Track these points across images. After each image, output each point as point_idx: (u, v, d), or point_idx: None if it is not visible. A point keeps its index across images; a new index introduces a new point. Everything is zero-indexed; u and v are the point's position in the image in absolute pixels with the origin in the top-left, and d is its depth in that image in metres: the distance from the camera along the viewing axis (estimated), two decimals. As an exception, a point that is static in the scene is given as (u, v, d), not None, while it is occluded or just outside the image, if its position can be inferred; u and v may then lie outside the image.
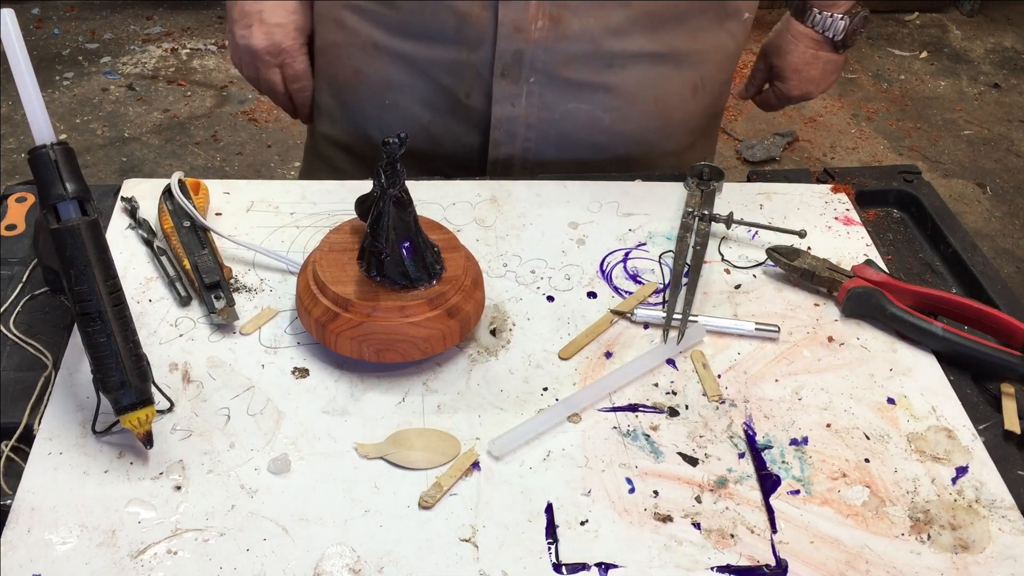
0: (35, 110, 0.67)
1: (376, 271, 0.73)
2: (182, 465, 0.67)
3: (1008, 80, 3.44)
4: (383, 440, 0.69)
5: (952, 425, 0.73)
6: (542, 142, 0.99)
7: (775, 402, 0.74)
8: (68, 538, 0.61)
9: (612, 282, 0.85)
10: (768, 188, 0.97)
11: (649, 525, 0.64)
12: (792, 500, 0.67)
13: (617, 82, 0.96)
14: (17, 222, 0.86)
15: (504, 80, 0.95)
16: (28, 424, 0.68)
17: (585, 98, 0.97)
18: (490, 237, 0.89)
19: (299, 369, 0.74)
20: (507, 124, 0.98)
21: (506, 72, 0.94)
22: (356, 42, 0.99)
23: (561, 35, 0.92)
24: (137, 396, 0.65)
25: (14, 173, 2.58)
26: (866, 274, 0.82)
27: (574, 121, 0.98)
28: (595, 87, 0.96)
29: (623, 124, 0.99)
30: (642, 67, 0.96)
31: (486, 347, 0.78)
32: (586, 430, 0.71)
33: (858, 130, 3.13)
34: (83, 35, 3.36)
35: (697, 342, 0.79)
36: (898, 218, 0.97)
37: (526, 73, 0.94)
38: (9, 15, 0.66)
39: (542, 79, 0.95)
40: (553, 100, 0.97)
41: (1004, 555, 0.64)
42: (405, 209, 0.72)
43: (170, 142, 2.83)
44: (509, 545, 0.63)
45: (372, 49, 0.99)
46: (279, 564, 0.61)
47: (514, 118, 0.97)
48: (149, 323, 0.77)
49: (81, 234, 0.67)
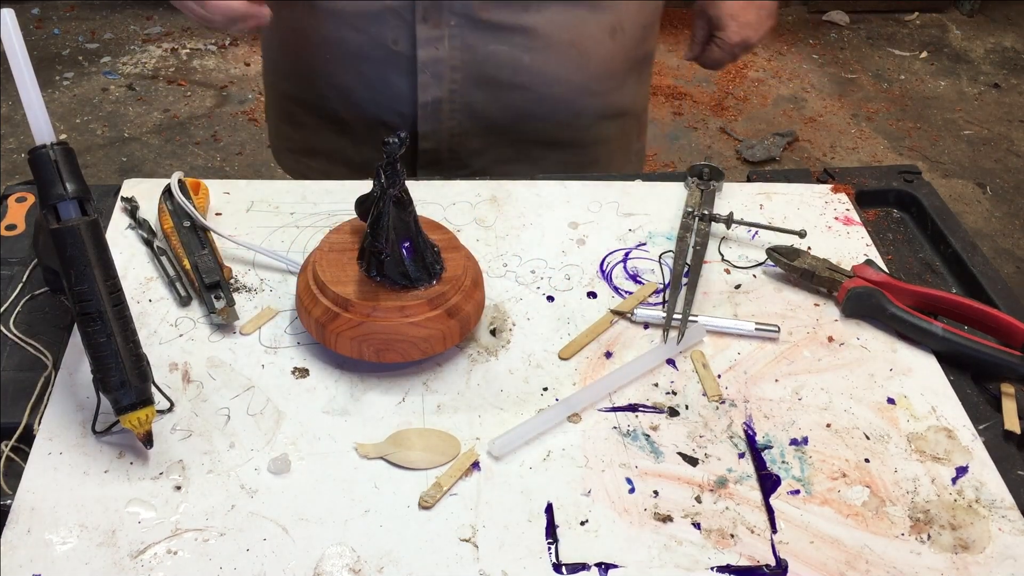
0: (35, 110, 0.67)
1: (376, 271, 0.73)
2: (182, 465, 0.67)
3: (1008, 80, 3.44)
4: (383, 440, 0.69)
5: (952, 425, 0.73)
6: (468, 83, 1.02)
7: (775, 402, 0.74)
8: (68, 538, 0.61)
9: (612, 282, 0.85)
10: (768, 188, 0.97)
11: (649, 525, 0.64)
12: (792, 500, 0.67)
13: (534, 23, 1.00)
14: (17, 222, 0.87)
15: (426, 24, 0.98)
16: (28, 424, 0.68)
17: (505, 39, 1.00)
18: (490, 237, 0.89)
19: (299, 369, 0.74)
20: (432, 66, 1.01)
21: (427, 16, 0.98)
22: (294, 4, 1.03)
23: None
24: (137, 396, 0.66)
25: (14, 173, 2.58)
26: (866, 274, 0.82)
27: (497, 62, 1.01)
28: (513, 28, 1.00)
29: (543, 65, 1.03)
30: (557, 8, 1.00)
31: (486, 347, 0.78)
32: (586, 430, 0.71)
33: (858, 130, 3.13)
34: (83, 35, 3.36)
35: (697, 342, 0.79)
36: (898, 218, 0.97)
37: (446, 17, 0.98)
38: (9, 15, 0.66)
39: (462, 22, 0.98)
40: (474, 42, 1.00)
41: (1004, 555, 0.64)
42: (405, 209, 0.72)
43: (170, 142, 2.83)
44: (509, 545, 0.63)
45: (308, 7, 1.02)
46: (279, 564, 0.61)
47: (439, 59, 1.00)
48: (149, 323, 0.77)
49: (81, 234, 0.67)
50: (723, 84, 3.38)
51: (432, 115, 1.04)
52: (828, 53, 3.59)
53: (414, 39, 0.99)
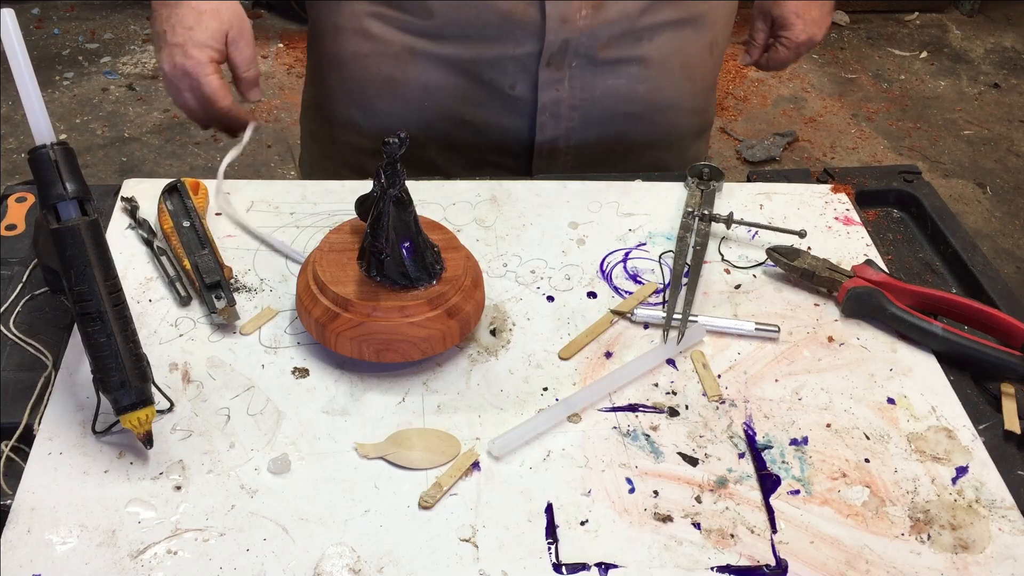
0: (35, 110, 0.67)
1: (376, 271, 0.73)
2: (182, 465, 0.67)
3: (1008, 80, 3.44)
4: (383, 440, 0.69)
5: (952, 425, 0.73)
6: (583, 121, 1.03)
7: (775, 402, 0.74)
8: (68, 538, 0.61)
9: (612, 282, 0.85)
10: (768, 188, 0.97)
11: (649, 525, 0.64)
12: (792, 500, 0.67)
13: (647, 53, 1.00)
14: (17, 222, 0.86)
15: (549, 68, 0.98)
16: (28, 424, 0.68)
17: (621, 73, 1.00)
18: (490, 237, 0.89)
19: (299, 369, 0.74)
20: (552, 108, 1.01)
21: (551, 61, 0.97)
22: (387, 51, 0.99)
23: (602, 20, 0.96)
24: (137, 396, 0.65)
25: (14, 173, 2.58)
26: (866, 274, 0.82)
27: (613, 96, 1.02)
28: (629, 61, 1.00)
29: (656, 93, 1.03)
30: (667, 35, 1.00)
31: (486, 347, 0.78)
32: (586, 430, 0.71)
33: (858, 130, 3.13)
34: (83, 35, 3.36)
35: (697, 342, 0.79)
36: (898, 218, 0.97)
37: (569, 59, 0.98)
38: (9, 15, 0.66)
39: (583, 62, 0.98)
40: (592, 80, 1.00)
41: (1004, 555, 0.64)
42: (405, 209, 0.72)
43: (170, 142, 2.83)
44: (509, 545, 0.63)
45: (407, 55, 0.99)
46: (279, 564, 0.61)
47: (558, 101, 1.00)
48: (149, 323, 0.77)
49: (81, 234, 0.67)
50: (723, 84, 3.38)
51: (548, 154, 1.04)
52: (828, 53, 3.59)
53: (534, 83, 0.98)
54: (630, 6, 0.96)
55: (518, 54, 0.97)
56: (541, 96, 0.99)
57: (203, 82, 0.90)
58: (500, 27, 0.95)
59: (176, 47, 0.89)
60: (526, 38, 0.95)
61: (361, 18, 0.99)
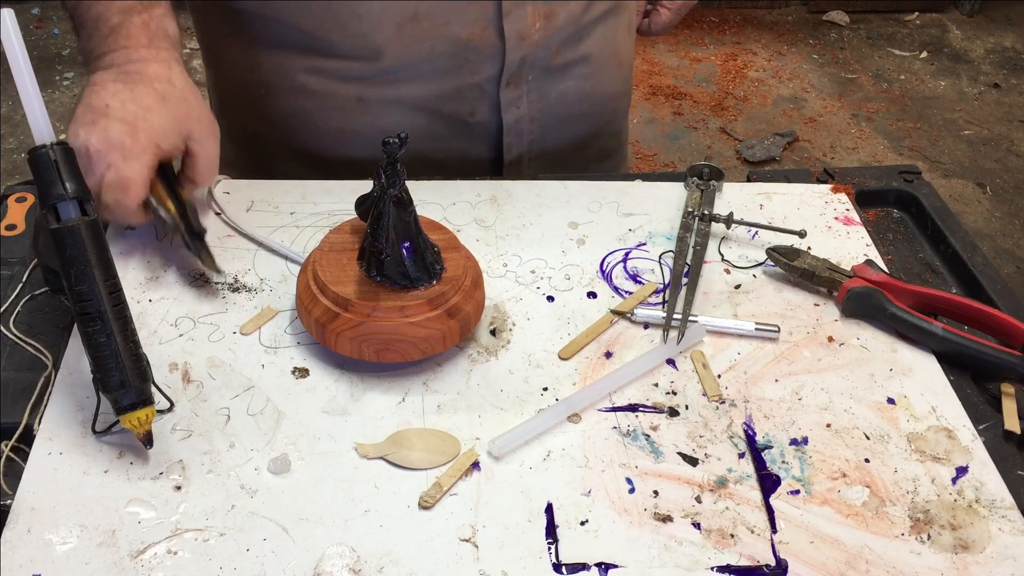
0: (35, 110, 0.67)
1: (376, 271, 0.73)
2: (182, 465, 0.67)
3: (1008, 80, 3.44)
4: (383, 440, 0.69)
5: (952, 425, 0.73)
6: (541, 131, 1.03)
7: (775, 402, 0.74)
8: (68, 538, 0.61)
9: (612, 282, 0.85)
10: (768, 188, 0.97)
11: (649, 525, 0.64)
12: (792, 500, 0.67)
13: (588, 50, 1.01)
14: (17, 222, 0.87)
15: (508, 88, 0.97)
16: (28, 424, 0.68)
17: (569, 75, 1.01)
18: (490, 237, 0.89)
19: (299, 369, 0.74)
20: (515, 127, 1.00)
21: (511, 80, 0.96)
22: (332, 104, 0.95)
23: (553, 28, 0.96)
24: (137, 396, 0.66)
25: (14, 173, 2.58)
26: (866, 274, 0.82)
27: (565, 100, 1.02)
28: (575, 62, 1.01)
29: (598, 86, 1.05)
30: (600, 28, 1.02)
31: (486, 347, 0.78)
32: (586, 430, 0.71)
33: (858, 130, 3.13)
34: (83, 35, 3.35)
35: (697, 342, 0.79)
36: (898, 218, 0.97)
37: (526, 74, 0.97)
38: (9, 15, 0.66)
39: (538, 74, 0.98)
40: (547, 89, 1.00)
41: (1004, 555, 0.64)
42: (405, 209, 0.72)
43: (170, 142, 2.83)
44: (509, 545, 0.63)
45: (354, 104, 0.95)
46: (279, 564, 0.61)
47: (520, 118, 1.00)
48: (149, 323, 0.77)
49: (81, 234, 0.67)
50: (723, 84, 3.38)
51: (514, 171, 1.04)
52: (828, 53, 3.60)
53: (495, 105, 0.97)
54: (574, 7, 0.96)
55: (476, 81, 0.95)
56: (505, 117, 0.98)
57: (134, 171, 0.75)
58: (455, 57, 0.93)
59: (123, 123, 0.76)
60: (483, 63, 0.94)
61: (294, 75, 0.94)
